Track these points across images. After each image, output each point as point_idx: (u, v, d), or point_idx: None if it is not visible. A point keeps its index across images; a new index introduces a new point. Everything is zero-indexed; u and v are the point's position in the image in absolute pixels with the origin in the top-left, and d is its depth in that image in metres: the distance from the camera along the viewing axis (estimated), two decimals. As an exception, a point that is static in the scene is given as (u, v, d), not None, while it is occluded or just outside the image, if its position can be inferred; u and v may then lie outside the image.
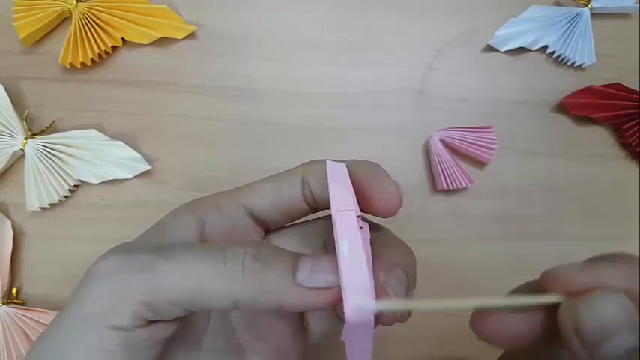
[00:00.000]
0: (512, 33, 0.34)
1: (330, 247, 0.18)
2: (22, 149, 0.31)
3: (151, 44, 0.33)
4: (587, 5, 0.35)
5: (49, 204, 0.31)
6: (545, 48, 0.35)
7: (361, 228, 0.16)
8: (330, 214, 0.16)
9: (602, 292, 0.15)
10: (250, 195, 0.20)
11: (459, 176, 0.32)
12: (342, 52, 0.34)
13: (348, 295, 0.15)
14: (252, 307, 0.16)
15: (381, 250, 0.16)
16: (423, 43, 0.35)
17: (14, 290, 0.30)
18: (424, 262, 0.31)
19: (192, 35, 0.34)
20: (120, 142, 0.31)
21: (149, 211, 0.32)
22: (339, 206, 0.16)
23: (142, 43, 0.33)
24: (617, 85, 0.34)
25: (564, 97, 0.34)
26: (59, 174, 0.31)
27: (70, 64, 0.32)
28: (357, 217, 0.16)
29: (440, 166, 0.32)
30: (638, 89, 0.34)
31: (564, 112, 0.34)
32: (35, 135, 0.31)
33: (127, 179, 0.31)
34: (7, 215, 0.31)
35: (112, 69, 0.34)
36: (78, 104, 0.33)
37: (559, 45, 0.35)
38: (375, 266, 0.17)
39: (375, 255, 0.17)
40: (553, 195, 0.34)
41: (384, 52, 0.35)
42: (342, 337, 0.17)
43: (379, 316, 0.16)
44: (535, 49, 0.35)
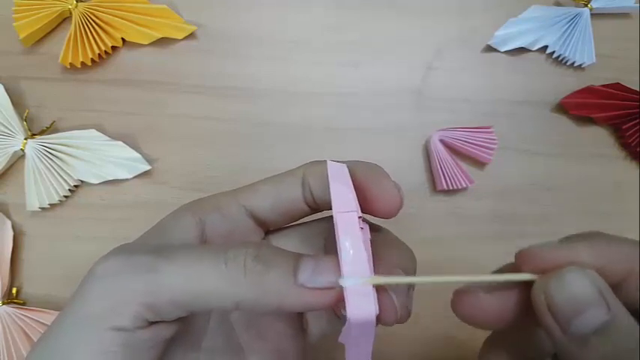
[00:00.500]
0: (512, 33, 0.34)
1: (331, 248, 0.18)
2: (22, 149, 0.31)
3: (151, 44, 0.33)
4: (587, 5, 0.35)
5: (49, 204, 0.31)
6: (545, 48, 0.35)
7: (362, 229, 0.16)
8: (331, 214, 0.16)
9: (571, 267, 0.15)
10: (251, 195, 0.20)
11: (459, 176, 0.32)
12: (342, 52, 0.34)
13: (349, 295, 0.15)
14: (253, 308, 0.16)
15: (382, 252, 0.16)
16: (423, 43, 0.35)
17: (14, 290, 0.30)
18: (424, 262, 0.31)
19: (192, 35, 0.34)
20: (120, 142, 0.31)
21: (149, 211, 0.32)
22: (340, 207, 0.16)
23: (142, 43, 0.33)
24: (617, 85, 0.34)
25: (564, 97, 0.34)
26: (59, 174, 0.31)
27: (70, 64, 0.32)
28: (359, 217, 0.16)
29: (440, 166, 0.32)
30: (638, 89, 0.34)
31: (564, 112, 0.34)
32: (35, 135, 0.31)
33: (127, 179, 0.31)
34: (7, 215, 0.31)
35: (112, 69, 0.34)
36: (78, 104, 0.33)
37: (559, 45, 0.35)
38: (376, 267, 0.17)
39: (376, 256, 0.17)
40: (553, 195, 0.34)
41: (384, 52, 0.35)
42: (341, 339, 0.17)
43: (379, 316, 0.16)
44: (535, 49, 0.35)
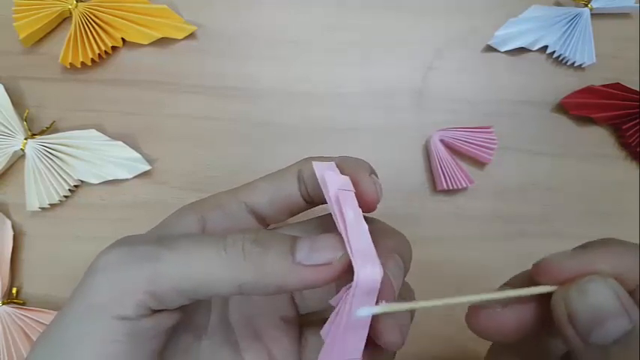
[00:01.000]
0: (512, 33, 0.34)
1: None
2: (22, 149, 0.31)
3: (151, 44, 0.33)
4: (587, 5, 0.35)
5: (49, 204, 0.31)
6: (545, 48, 0.35)
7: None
8: (329, 212, 0.17)
9: (592, 277, 0.15)
10: (250, 192, 0.20)
11: (459, 176, 0.32)
12: (342, 52, 0.34)
13: (356, 258, 0.15)
14: (255, 290, 0.16)
15: (377, 238, 0.16)
16: (423, 43, 0.35)
17: (14, 290, 0.30)
18: (424, 262, 0.32)
19: (192, 35, 0.34)
20: (120, 142, 0.31)
21: (149, 211, 0.32)
22: (340, 186, 0.17)
23: (142, 43, 0.33)
24: (617, 85, 0.34)
25: (564, 97, 0.34)
26: (59, 174, 0.31)
27: (70, 64, 0.32)
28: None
29: (440, 166, 0.32)
30: (638, 89, 0.34)
31: (564, 112, 0.34)
32: (35, 135, 0.31)
33: (127, 179, 0.31)
34: (7, 215, 0.31)
35: (112, 69, 0.34)
36: (78, 104, 0.33)
37: (559, 45, 0.35)
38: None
39: (372, 242, 0.17)
40: (553, 195, 0.34)
41: (384, 52, 0.35)
42: (325, 331, 0.17)
43: (380, 333, 0.16)
44: (535, 49, 0.35)
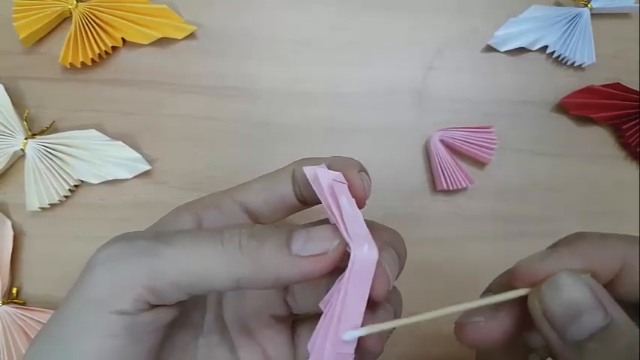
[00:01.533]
0: (512, 33, 0.34)
1: None
2: (22, 149, 0.31)
3: (151, 44, 0.33)
4: (587, 5, 0.35)
5: (49, 204, 0.31)
6: (545, 48, 0.35)
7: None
8: (321, 213, 0.17)
9: (564, 273, 0.15)
10: (245, 192, 0.20)
11: (458, 176, 0.32)
12: (342, 52, 0.34)
13: (353, 239, 0.16)
14: (252, 283, 0.16)
15: (372, 234, 0.16)
16: (423, 43, 0.35)
17: (14, 290, 0.30)
18: (424, 262, 0.32)
19: (192, 35, 0.34)
20: (120, 142, 0.31)
21: (149, 211, 0.32)
22: (335, 178, 0.17)
23: (142, 43, 0.33)
24: (617, 85, 0.34)
25: (564, 97, 0.34)
26: (59, 174, 0.31)
27: (70, 64, 0.32)
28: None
29: (440, 166, 0.32)
30: (638, 89, 0.34)
31: (564, 112, 0.34)
32: (35, 135, 0.31)
33: (127, 179, 0.31)
34: (7, 215, 0.31)
35: (112, 69, 0.34)
36: (78, 104, 0.33)
37: (559, 45, 0.35)
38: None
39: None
40: (553, 195, 0.34)
41: (384, 52, 0.35)
42: (310, 348, 0.17)
43: (365, 344, 0.17)
44: (535, 49, 0.35)
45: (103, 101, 0.33)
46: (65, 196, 0.31)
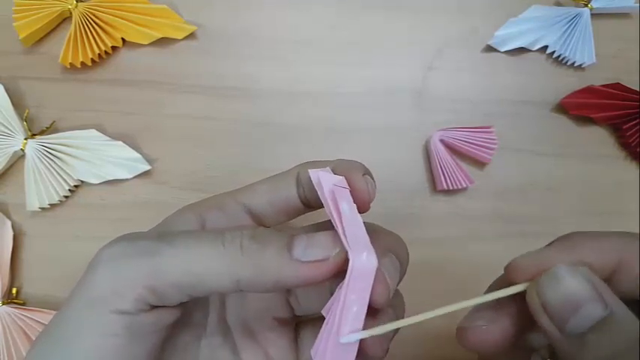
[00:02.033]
0: (512, 33, 0.34)
1: None
2: (22, 149, 0.31)
3: (151, 44, 0.33)
4: (587, 5, 0.35)
5: (49, 204, 0.31)
6: (545, 48, 0.35)
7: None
8: (324, 215, 0.17)
9: (562, 265, 0.15)
10: (249, 194, 0.20)
11: (458, 176, 0.32)
12: (342, 52, 0.34)
13: (352, 246, 0.15)
14: (252, 285, 0.16)
15: (373, 239, 0.16)
16: (423, 43, 0.35)
17: (14, 290, 0.30)
18: (424, 262, 0.32)
19: (192, 35, 0.34)
20: (120, 142, 0.31)
21: (149, 211, 0.32)
22: (335, 183, 0.17)
23: (142, 43, 0.33)
24: (617, 85, 0.34)
25: (564, 97, 0.34)
26: (59, 174, 0.31)
27: (70, 64, 0.32)
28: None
29: (440, 166, 0.32)
30: (638, 89, 0.34)
31: (564, 112, 0.34)
32: (35, 135, 0.31)
33: (127, 179, 0.31)
34: (7, 215, 0.31)
35: (112, 69, 0.34)
36: (78, 104, 0.33)
37: (559, 45, 0.35)
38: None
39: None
40: (553, 195, 0.34)
41: (384, 52, 0.35)
42: (314, 354, 0.17)
43: (367, 346, 0.17)
44: (535, 49, 0.35)
45: (103, 101, 0.33)
46: (65, 196, 0.31)
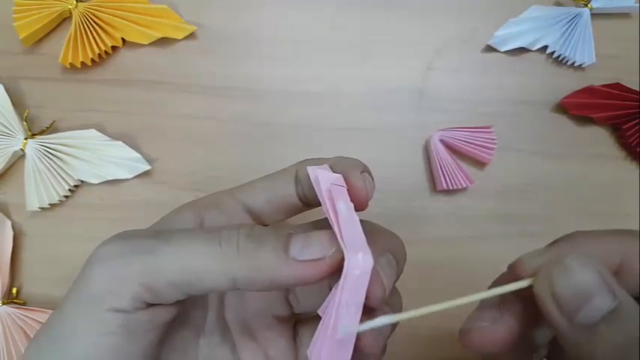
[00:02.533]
0: (512, 33, 0.34)
1: None
2: (22, 149, 0.31)
3: (151, 44, 0.33)
4: (587, 5, 0.35)
5: (49, 204, 0.31)
6: (545, 48, 0.35)
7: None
8: (323, 214, 0.17)
9: (574, 256, 0.15)
10: (247, 192, 0.20)
11: (458, 176, 0.32)
12: (342, 52, 0.34)
13: (347, 246, 0.15)
14: (248, 284, 0.16)
15: (370, 237, 0.16)
16: (423, 43, 0.35)
17: (14, 290, 0.30)
18: (424, 262, 0.32)
19: (192, 35, 0.34)
20: (120, 142, 0.31)
21: (149, 211, 0.32)
22: (332, 182, 0.17)
23: (142, 43, 0.33)
24: (617, 85, 0.34)
25: (564, 97, 0.34)
26: (59, 174, 0.31)
27: (70, 64, 0.32)
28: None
29: (440, 166, 0.32)
30: (638, 89, 0.34)
31: (564, 112, 0.34)
32: (35, 135, 0.31)
33: (127, 179, 0.31)
34: (7, 215, 0.31)
35: (112, 69, 0.34)
36: (78, 104, 0.33)
37: (559, 45, 0.35)
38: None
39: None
40: (553, 195, 0.34)
41: (384, 52, 0.35)
42: (310, 354, 0.17)
43: (362, 341, 0.16)
44: (535, 49, 0.35)
45: (103, 101, 0.33)
46: (65, 196, 0.31)
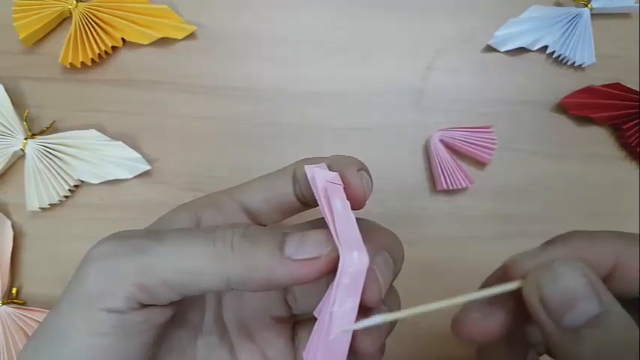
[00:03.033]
0: (512, 33, 0.34)
1: None
2: (22, 149, 0.31)
3: (151, 44, 0.33)
4: (587, 5, 0.35)
5: (49, 204, 0.31)
6: (545, 48, 0.35)
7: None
8: (321, 215, 0.17)
9: (562, 262, 0.16)
10: (245, 192, 0.20)
11: (458, 176, 0.32)
12: (342, 52, 0.34)
13: (343, 245, 0.15)
14: (243, 284, 0.16)
15: (367, 236, 0.16)
16: (423, 43, 0.35)
17: (14, 290, 0.30)
18: (424, 262, 0.32)
19: (192, 35, 0.34)
20: (120, 142, 0.31)
21: (149, 211, 0.31)
22: (328, 180, 0.17)
23: (142, 43, 0.33)
24: (617, 85, 0.34)
25: (564, 97, 0.34)
26: (59, 174, 0.31)
27: (70, 64, 0.32)
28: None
29: (440, 166, 0.32)
30: (638, 89, 0.34)
31: (564, 112, 0.34)
32: (35, 135, 0.31)
33: (127, 179, 0.31)
34: (7, 215, 0.31)
35: (112, 69, 0.34)
36: (78, 104, 0.33)
37: (559, 45, 0.35)
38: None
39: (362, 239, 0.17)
40: (553, 195, 0.34)
41: (384, 52, 0.35)
42: (306, 356, 0.17)
43: (358, 348, 0.16)
44: (535, 49, 0.35)
45: (103, 101, 0.33)
46: (65, 196, 0.31)
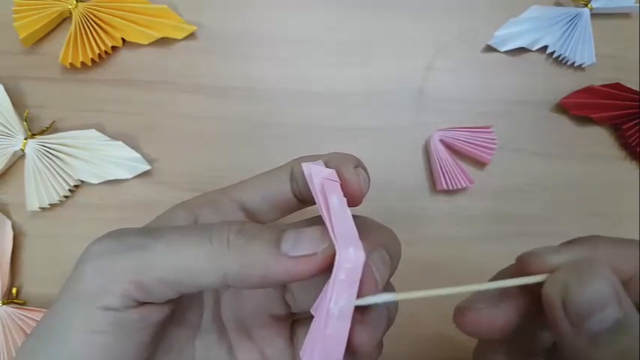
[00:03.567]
0: (512, 33, 0.34)
1: None
2: (22, 149, 0.31)
3: (151, 44, 0.33)
4: (587, 5, 0.35)
5: (49, 204, 0.31)
6: (545, 48, 0.35)
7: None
8: (318, 213, 0.17)
9: (591, 265, 0.15)
10: (242, 190, 0.20)
11: (458, 176, 0.32)
12: (342, 52, 0.34)
13: (339, 241, 0.15)
14: (239, 280, 0.16)
15: (364, 233, 0.16)
16: (423, 43, 0.35)
17: (14, 290, 0.30)
18: (424, 262, 0.32)
19: (192, 35, 0.34)
20: (120, 142, 0.31)
21: (149, 211, 0.31)
22: (325, 177, 0.17)
23: (142, 43, 0.33)
24: (617, 85, 0.34)
25: (564, 97, 0.34)
26: (59, 174, 0.31)
27: (70, 64, 0.32)
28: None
29: (440, 166, 0.32)
30: (638, 89, 0.34)
31: (564, 112, 0.34)
32: (35, 135, 0.31)
33: (127, 179, 0.31)
34: (7, 215, 0.31)
35: (112, 69, 0.34)
36: (78, 104, 0.33)
37: (559, 45, 0.35)
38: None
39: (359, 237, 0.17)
40: (553, 195, 0.34)
41: (384, 52, 0.35)
42: (303, 353, 0.17)
43: (354, 345, 0.16)
44: (535, 49, 0.35)
45: (103, 101, 0.33)
46: (65, 196, 0.31)
